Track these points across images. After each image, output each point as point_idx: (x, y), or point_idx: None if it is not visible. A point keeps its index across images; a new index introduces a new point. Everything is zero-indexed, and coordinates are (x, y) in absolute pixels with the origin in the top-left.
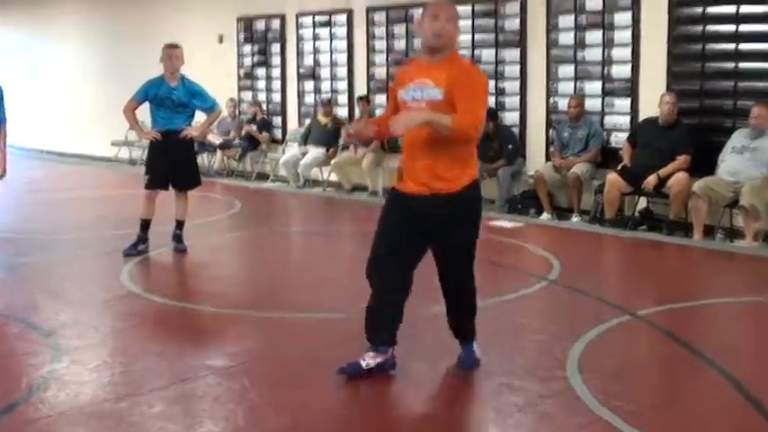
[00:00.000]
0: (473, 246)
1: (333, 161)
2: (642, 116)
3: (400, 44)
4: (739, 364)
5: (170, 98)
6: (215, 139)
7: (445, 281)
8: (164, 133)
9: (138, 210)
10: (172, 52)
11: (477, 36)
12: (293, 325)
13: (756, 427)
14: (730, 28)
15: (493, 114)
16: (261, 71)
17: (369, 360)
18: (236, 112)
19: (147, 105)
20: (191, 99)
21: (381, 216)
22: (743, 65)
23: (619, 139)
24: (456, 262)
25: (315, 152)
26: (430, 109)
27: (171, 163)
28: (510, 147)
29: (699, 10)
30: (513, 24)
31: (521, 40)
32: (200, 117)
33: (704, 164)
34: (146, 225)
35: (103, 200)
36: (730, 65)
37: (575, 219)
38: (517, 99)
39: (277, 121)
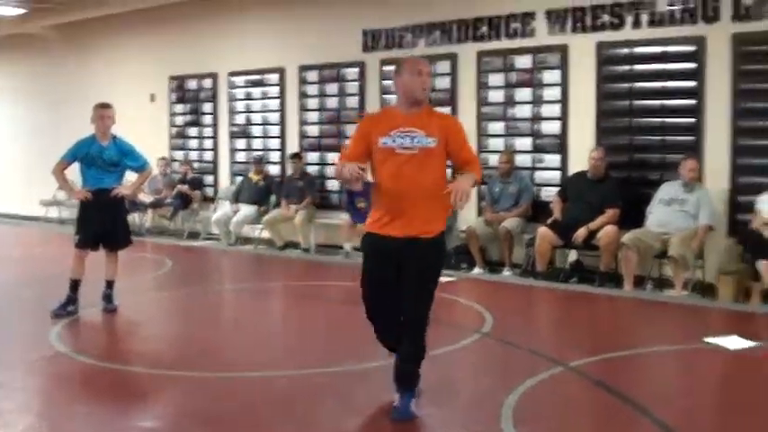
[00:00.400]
0: (435, 286)
1: (264, 218)
2: (572, 171)
3: (332, 102)
4: (672, 411)
5: (101, 157)
6: (146, 197)
7: (405, 313)
8: (94, 192)
9: (67, 269)
10: (103, 112)
11: None
12: (225, 384)
13: None
14: (656, 84)
15: None
16: (193, 130)
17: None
18: (168, 171)
19: (77, 164)
20: (122, 158)
21: (368, 263)
22: (669, 120)
23: (549, 193)
24: (420, 294)
25: (246, 210)
26: (423, 156)
27: (102, 222)
28: None
29: (626, 68)
30: (443, 83)
31: (451, 98)
32: (130, 176)
33: (633, 216)
34: (75, 285)
35: (32, 259)
36: (657, 120)
37: (506, 272)
38: None
39: (209, 179)
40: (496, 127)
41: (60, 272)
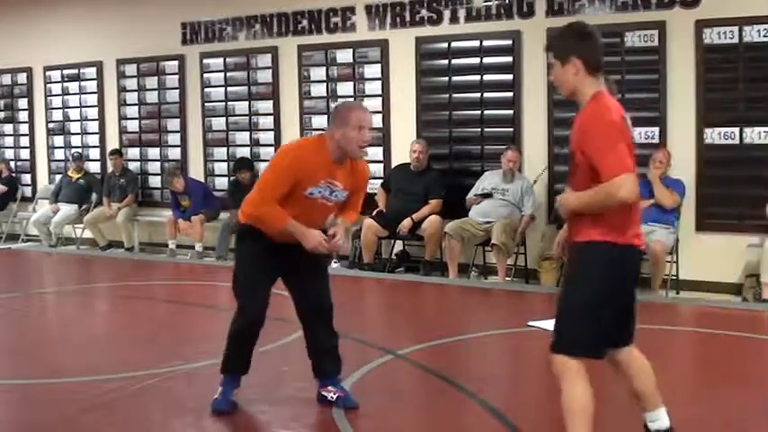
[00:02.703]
0: None
1: (86, 218)
2: (395, 163)
3: (153, 96)
4: (499, 393)
5: None
6: None
7: (312, 303)
8: None
9: None
10: None
11: (229, 89)
12: (49, 391)
13: None
14: (475, 78)
15: (249, 165)
16: (7, 127)
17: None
18: None
19: None
20: None
21: (249, 264)
22: (488, 112)
23: (373, 186)
24: (321, 279)
25: (66, 209)
26: (333, 207)
27: None
28: None
29: (444, 62)
30: (265, 76)
31: (273, 92)
32: None
33: (456, 206)
34: None
35: None
36: (476, 112)
37: (334, 264)
38: (272, 150)
39: (26, 178)
40: (320, 121)
41: None
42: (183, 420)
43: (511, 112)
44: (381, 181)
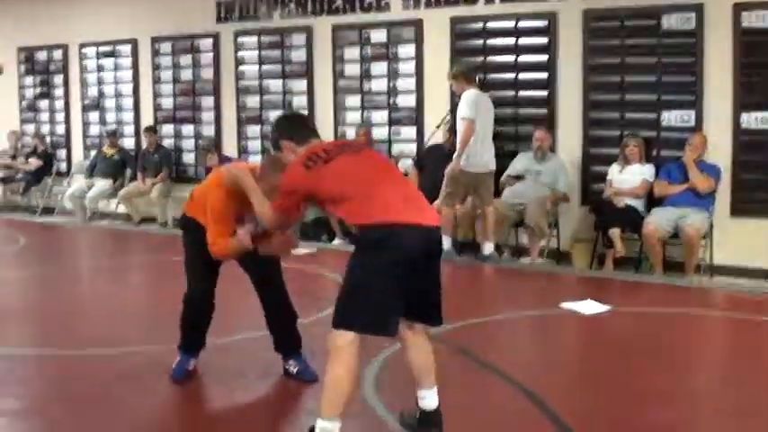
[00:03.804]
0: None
1: (120, 193)
2: (428, 144)
3: (187, 74)
4: (530, 375)
5: None
6: None
7: (267, 288)
8: None
9: None
10: None
11: (264, 67)
12: (84, 362)
13: None
14: (510, 58)
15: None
16: (44, 103)
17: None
18: (19, 145)
19: None
20: None
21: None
22: (522, 93)
23: (406, 165)
24: (272, 268)
25: (101, 184)
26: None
27: None
28: None
29: (479, 42)
30: (299, 56)
31: (307, 72)
32: None
33: None
34: None
35: None
36: (511, 93)
37: None
38: None
39: (62, 153)
40: (353, 100)
41: None
42: (213, 392)
43: (545, 93)
44: (414, 161)
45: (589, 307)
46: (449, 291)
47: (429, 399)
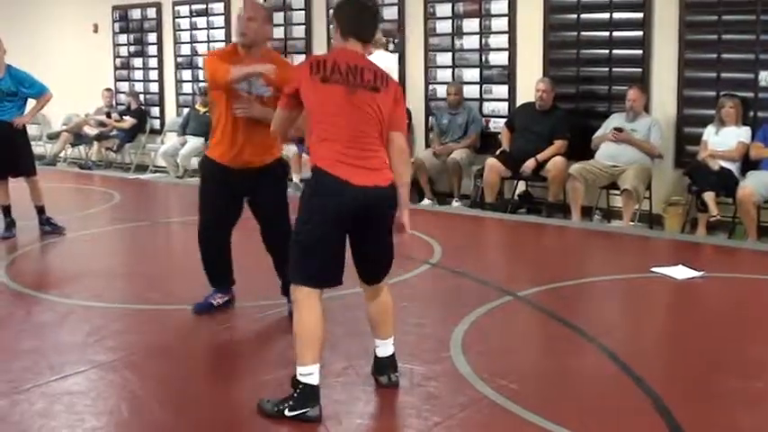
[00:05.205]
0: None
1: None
2: (519, 102)
3: (278, 32)
4: (618, 339)
5: None
6: (91, 130)
7: (272, 231)
8: None
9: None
10: None
11: None
12: (175, 317)
13: (635, 400)
14: (604, 16)
15: None
16: (137, 61)
17: (218, 299)
18: (113, 102)
19: None
20: (18, 87)
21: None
22: (616, 51)
23: (497, 124)
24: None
25: (194, 142)
26: (260, 105)
27: (8, 154)
28: (407, 122)
29: None
30: (391, 13)
31: (399, 29)
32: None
33: (581, 147)
34: (5, 210)
35: None
36: (604, 51)
37: (455, 203)
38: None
39: (155, 111)
40: (444, 58)
41: None
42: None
43: (640, 51)
44: (506, 119)
45: (681, 272)
46: (537, 254)
47: (382, 347)
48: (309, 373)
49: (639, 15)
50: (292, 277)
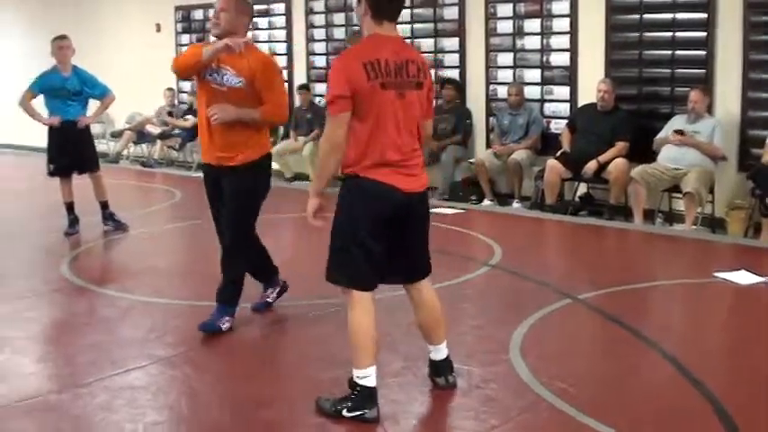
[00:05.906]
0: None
1: (273, 150)
2: (581, 103)
3: (340, 33)
4: (680, 344)
5: (64, 88)
6: (154, 128)
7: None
8: (61, 124)
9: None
10: (62, 44)
11: (416, 26)
12: (236, 314)
13: (696, 405)
14: (667, 16)
15: (458, 85)
16: None
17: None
18: (175, 102)
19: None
20: (83, 87)
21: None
22: (679, 52)
23: (558, 125)
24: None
25: None
26: (231, 94)
27: (71, 152)
28: (468, 122)
29: None
30: (451, 13)
31: (459, 29)
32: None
33: (642, 149)
34: (69, 207)
35: (36, 191)
36: (667, 52)
37: (516, 204)
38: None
39: None
40: (505, 58)
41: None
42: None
43: (704, 52)
44: (567, 120)
45: (743, 277)
46: (597, 256)
47: (435, 352)
48: (366, 376)
49: (703, 16)
50: (338, 281)
